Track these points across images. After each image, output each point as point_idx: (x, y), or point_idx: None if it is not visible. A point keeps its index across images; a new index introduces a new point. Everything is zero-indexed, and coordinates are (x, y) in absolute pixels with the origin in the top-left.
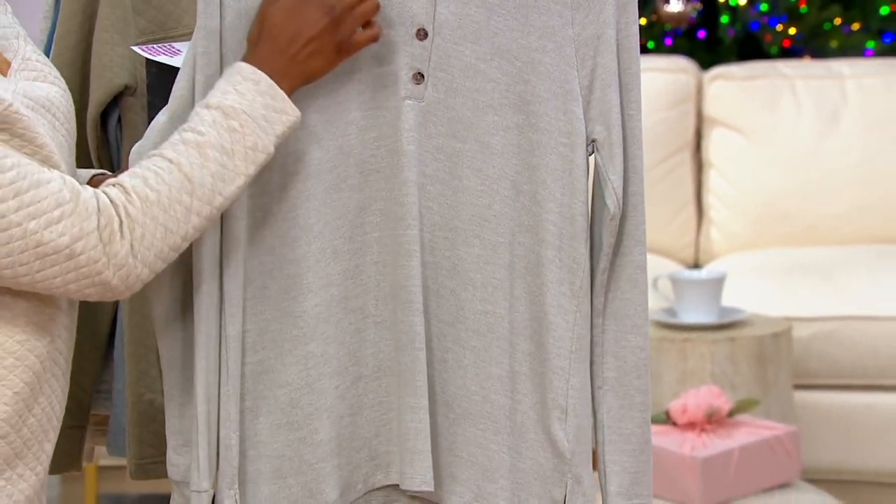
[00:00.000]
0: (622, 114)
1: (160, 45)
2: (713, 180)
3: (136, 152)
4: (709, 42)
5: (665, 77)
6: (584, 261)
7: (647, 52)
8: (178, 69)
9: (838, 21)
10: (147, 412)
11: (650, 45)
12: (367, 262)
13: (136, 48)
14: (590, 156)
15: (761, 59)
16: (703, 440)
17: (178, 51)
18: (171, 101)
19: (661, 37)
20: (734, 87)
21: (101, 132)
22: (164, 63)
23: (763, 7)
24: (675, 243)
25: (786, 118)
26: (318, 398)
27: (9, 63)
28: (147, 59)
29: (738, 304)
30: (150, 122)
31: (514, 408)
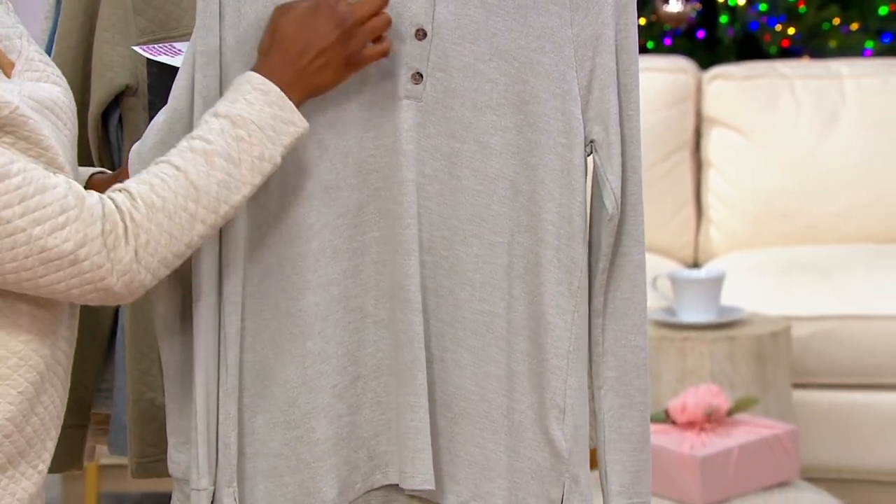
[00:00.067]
0: (620, 114)
1: (161, 45)
2: (712, 180)
3: (136, 152)
4: (708, 42)
5: (664, 77)
6: (582, 261)
7: (647, 52)
8: (178, 69)
9: (837, 21)
10: (148, 411)
11: (649, 45)
12: (366, 262)
13: (136, 48)
14: (588, 156)
15: (760, 59)
16: (702, 439)
17: (179, 51)
18: (171, 101)
19: (661, 37)
20: (733, 86)
21: (102, 132)
22: (165, 63)
23: (762, 7)
24: (675, 242)
25: (785, 118)
26: (315, 397)
27: (12, 64)
28: (148, 59)
29: (737, 303)
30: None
31: (512, 407)
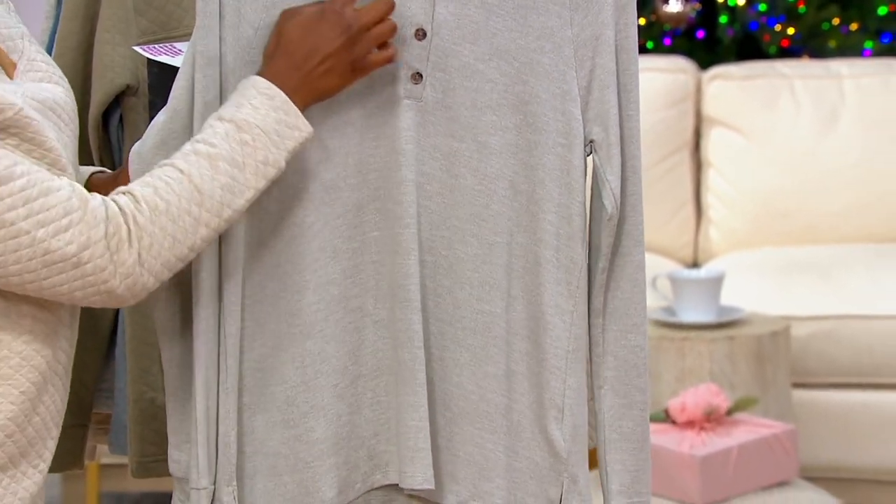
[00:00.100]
0: (620, 115)
1: (161, 45)
2: (712, 179)
3: (136, 151)
4: (707, 42)
5: (664, 77)
6: (581, 261)
7: (647, 52)
8: (179, 69)
9: (836, 21)
10: (148, 410)
11: (649, 45)
12: (365, 262)
13: (137, 48)
14: (588, 156)
15: (760, 58)
16: (701, 438)
17: (180, 51)
18: (171, 101)
19: (660, 37)
20: (733, 86)
21: (103, 132)
22: (166, 63)
23: (762, 7)
24: (674, 242)
25: (784, 118)
26: (314, 396)
27: (14, 64)
28: (148, 60)
29: (736, 302)
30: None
31: (511, 407)
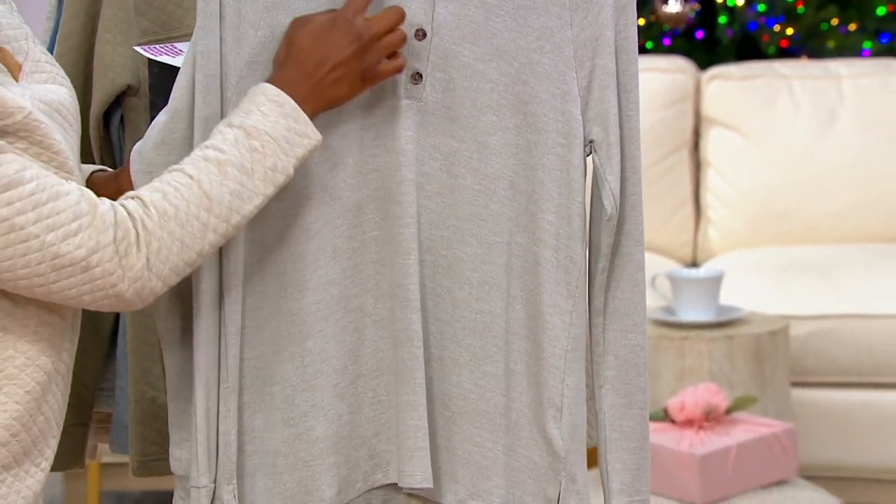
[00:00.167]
0: (620, 115)
1: (162, 45)
2: (711, 179)
3: (137, 151)
4: (707, 42)
5: (663, 77)
6: (580, 261)
7: (646, 52)
8: (179, 69)
9: (835, 21)
10: (149, 409)
11: (648, 45)
12: (365, 261)
13: (138, 48)
14: (587, 156)
15: (759, 59)
16: (700, 437)
17: (181, 51)
18: (172, 101)
19: (660, 37)
20: (732, 86)
21: (104, 132)
22: (167, 63)
23: (760, 7)
24: (673, 242)
25: (783, 118)
26: (314, 395)
27: (20, 66)
28: (149, 60)
29: (735, 302)
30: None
31: (510, 406)
